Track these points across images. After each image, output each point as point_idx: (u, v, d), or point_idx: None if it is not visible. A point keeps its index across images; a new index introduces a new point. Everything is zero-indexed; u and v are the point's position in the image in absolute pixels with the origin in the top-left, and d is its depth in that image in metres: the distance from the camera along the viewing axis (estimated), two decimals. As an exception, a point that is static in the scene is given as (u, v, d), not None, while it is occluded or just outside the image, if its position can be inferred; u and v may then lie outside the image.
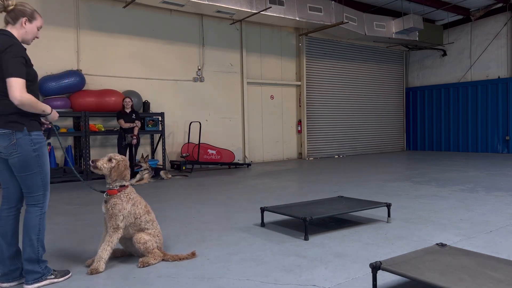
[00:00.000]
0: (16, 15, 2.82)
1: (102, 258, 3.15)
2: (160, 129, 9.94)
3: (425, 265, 2.58)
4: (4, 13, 2.85)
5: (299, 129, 13.46)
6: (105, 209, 3.26)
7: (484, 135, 14.13)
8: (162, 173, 8.76)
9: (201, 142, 10.55)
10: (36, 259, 2.86)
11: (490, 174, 8.41)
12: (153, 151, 10.41)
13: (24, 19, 2.84)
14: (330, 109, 14.03)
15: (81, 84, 9.10)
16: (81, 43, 9.48)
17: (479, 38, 14.32)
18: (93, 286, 2.90)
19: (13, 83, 2.63)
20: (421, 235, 3.99)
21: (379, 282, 2.82)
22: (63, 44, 9.24)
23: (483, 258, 2.70)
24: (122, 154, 7.24)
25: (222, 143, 11.62)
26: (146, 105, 10.02)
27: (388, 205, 4.51)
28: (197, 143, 10.40)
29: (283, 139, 13.23)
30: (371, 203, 4.65)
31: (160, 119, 9.96)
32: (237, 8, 10.19)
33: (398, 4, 13.17)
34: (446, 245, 2.96)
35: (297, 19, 11.31)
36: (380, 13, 13.62)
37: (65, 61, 9.25)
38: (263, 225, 4.50)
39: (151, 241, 3.31)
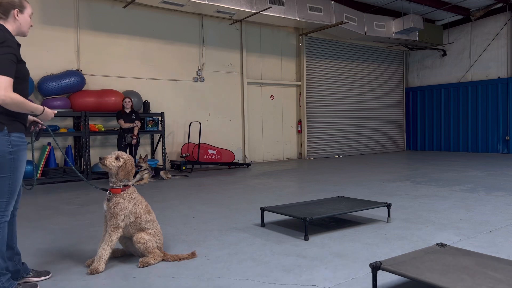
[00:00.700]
0: (5, 8, 2.67)
1: (102, 258, 3.15)
2: (160, 129, 9.94)
3: (425, 265, 2.58)
4: None
5: (299, 129, 13.46)
6: (107, 207, 3.26)
7: (484, 135, 14.13)
8: (162, 173, 8.77)
9: (201, 142, 10.56)
10: None
11: (490, 174, 8.41)
12: (153, 151, 10.41)
13: (15, 11, 2.68)
14: (330, 109, 14.03)
15: (81, 84, 9.10)
16: (81, 43, 9.48)
17: (479, 38, 14.32)
18: (93, 286, 2.90)
19: None
20: (421, 235, 3.99)
21: (379, 282, 2.82)
22: (63, 44, 9.24)
23: (483, 258, 2.70)
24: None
25: (222, 143, 11.62)
26: (146, 105, 10.02)
27: (388, 205, 4.51)
28: (197, 143, 10.41)
29: (283, 139, 13.22)
30: (371, 203, 4.65)
31: (160, 119, 9.96)
32: (237, 8, 10.19)
33: (398, 4, 13.17)
34: (446, 245, 2.96)
35: (297, 19, 11.31)
36: (380, 13, 13.62)
37: (65, 61, 9.25)
38: (263, 225, 4.50)
39: (151, 241, 3.31)
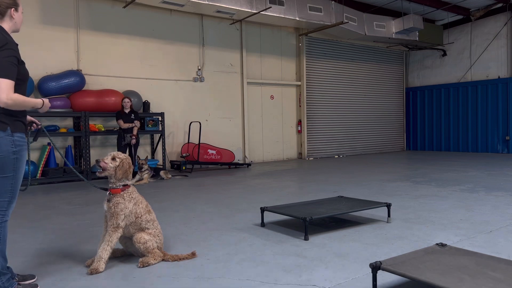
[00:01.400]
0: (2, 8, 2.64)
1: (102, 258, 3.15)
2: (160, 129, 9.94)
3: (425, 265, 2.58)
4: None
5: (299, 129, 13.46)
6: (107, 207, 3.26)
7: (484, 135, 14.12)
8: (162, 173, 8.77)
9: (201, 142, 10.55)
10: None
11: (490, 174, 8.41)
12: (153, 151, 10.41)
13: (11, 10, 2.67)
14: (330, 109, 14.03)
15: (81, 84, 9.10)
16: (81, 43, 9.48)
17: (479, 38, 14.32)
18: (93, 286, 2.90)
19: (1, 84, 2.48)
20: (421, 235, 3.99)
21: (379, 282, 2.82)
22: (63, 44, 9.24)
23: (483, 258, 2.70)
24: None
25: (222, 143, 11.62)
26: (146, 105, 10.01)
27: (388, 205, 4.51)
28: (197, 143, 10.41)
29: (283, 139, 13.22)
30: (371, 203, 4.65)
31: (160, 119, 9.96)
32: (237, 8, 10.19)
33: (398, 4, 13.17)
34: (446, 245, 2.96)
35: (297, 19, 11.31)
36: (380, 13, 13.62)
37: (65, 61, 9.25)
38: (263, 225, 4.50)
39: (151, 241, 3.31)
